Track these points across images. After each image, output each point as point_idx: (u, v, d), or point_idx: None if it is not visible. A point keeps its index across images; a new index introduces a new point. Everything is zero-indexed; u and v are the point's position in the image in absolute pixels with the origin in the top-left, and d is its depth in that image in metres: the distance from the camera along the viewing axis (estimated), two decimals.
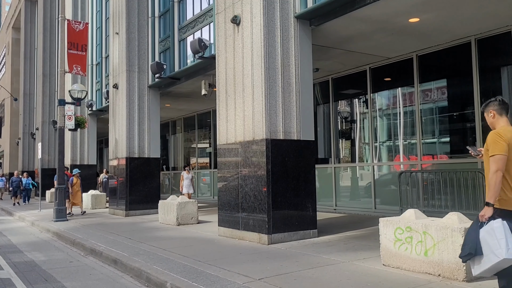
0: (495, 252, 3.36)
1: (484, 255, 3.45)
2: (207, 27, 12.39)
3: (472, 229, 3.66)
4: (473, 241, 3.53)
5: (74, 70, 14.88)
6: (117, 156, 14.88)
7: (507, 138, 3.59)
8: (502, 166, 3.52)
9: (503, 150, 3.53)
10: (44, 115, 27.11)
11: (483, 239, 3.48)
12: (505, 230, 3.39)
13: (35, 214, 15.88)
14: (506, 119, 3.82)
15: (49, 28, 28.07)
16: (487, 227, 3.49)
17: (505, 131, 3.67)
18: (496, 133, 3.67)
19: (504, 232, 3.37)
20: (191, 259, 6.66)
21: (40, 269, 7.06)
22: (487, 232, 3.47)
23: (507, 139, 3.58)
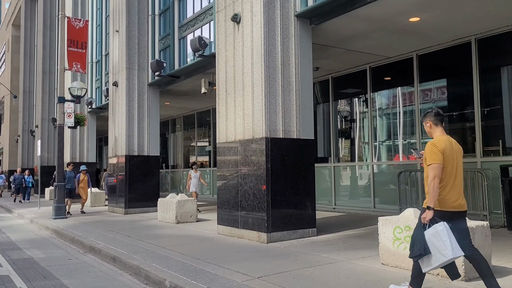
0: (442, 252, 3.83)
1: (432, 255, 3.91)
2: (207, 25, 12.38)
3: (417, 230, 4.05)
4: (421, 242, 3.94)
5: (74, 68, 14.87)
6: (116, 154, 14.87)
7: (442, 147, 4.07)
8: (439, 173, 3.99)
9: (439, 160, 4.01)
10: (44, 112, 27.08)
11: (429, 240, 3.90)
12: (448, 232, 3.84)
13: (34, 211, 15.88)
14: (441, 129, 4.32)
15: (49, 26, 28.03)
16: (432, 230, 3.91)
17: (440, 141, 4.14)
18: (432, 144, 4.10)
19: (447, 234, 3.83)
20: (190, 257, 6.66)
21: (39, 266, 7.06)
22: (432, 235, 3.88)
23: (441, 149, 4.06)
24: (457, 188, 4.10)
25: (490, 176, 8.77)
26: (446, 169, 4.06)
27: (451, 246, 3.81)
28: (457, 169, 4.13)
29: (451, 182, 4.08)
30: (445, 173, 4.05)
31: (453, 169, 4.10)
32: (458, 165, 4.15)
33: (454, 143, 4.26)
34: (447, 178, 4.06)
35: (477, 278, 4.92)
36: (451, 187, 4.07)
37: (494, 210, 8.77)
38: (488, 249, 5.14)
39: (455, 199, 4.07)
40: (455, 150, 4.19)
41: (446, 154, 4.06)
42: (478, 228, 5.06)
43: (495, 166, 8.71)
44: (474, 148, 9.47)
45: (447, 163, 4.06)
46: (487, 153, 9.29)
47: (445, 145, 4.10)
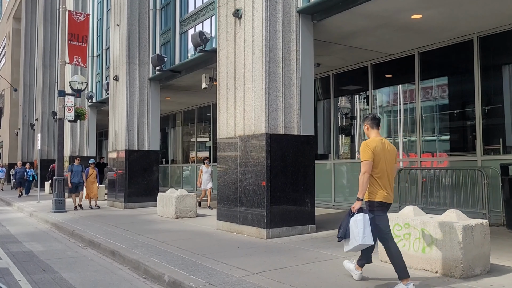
0: (356, 238, 4.53)
1: (350, 239, 4.61)
2: (209, 20, 12.34)
3: (346, 217, 4.72)
4: (344, 228, 4.67)
5: (74, 61, 14.85)
6: (116, 148, 14.87)
7: (373, 147, 4.63)
8: (369, 169, 4.57)
9: (369, 157, 4.58)
10: (44, 106, 27.05)
11: (350, 227, 4.60)
12: (364, 222, 4.48)
13: (33, 205, 15.90)
14: (377, 131, 4.86)
15: (50, 19, 27.96)
16: (354, 218, 4.57)
17: (373, 141, 4.71)
18: (365, 144, 4.68)
19: (363, 224, 4.48)
20: (189, 252, 6.67)
21: (38, 259, 7.07)
22: (353, 222, 4.56)
23: (373, 148, 4.62)
24: (388, 183, 4.67)
25: (490, 174, 8.77)
26: (378, 166, 4.63)
27: (363, 235, 4.47)
28: (389, 167, 4.70)
29: (383, 178, 4.64)
30: (377, 169, 4.63)
31: (384, 166, 4.66)
32: (390, 163, 4.71)
33: (387, 144, 4.83)
34: (379, 174, 4.63)
35: (475, 276, 4.95)
36: (382, 182, 4.64)
37: (493, 209, 8.77)
38: (487, 248, 5.15)
39: (386, 193, 4.65)
40: (387, 150, 4.75)
41: (377, 153, 4.63)
42: (477, 227, 5.06)
43: (495, 164, 8.71)
44: (474, 147, 9.46)
45: (378, 161, 4.62)
46: (487, 151, 9.28)
47: (376, 145, 4.66)
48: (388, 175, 4.67)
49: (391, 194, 4.71)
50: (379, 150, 4.65)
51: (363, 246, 4.60)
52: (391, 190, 4.70)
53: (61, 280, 5.73)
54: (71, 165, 14.09)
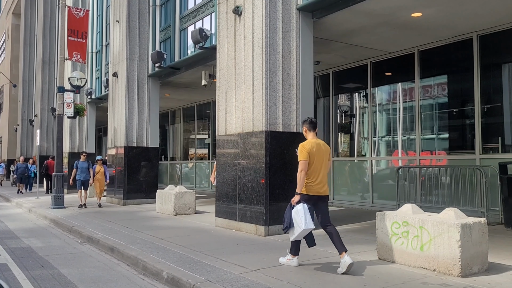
0: (299, 225, 5.24)
1: (294, 227, 5.31)
2: (209, 17, 12.32)
3: (287, 209, 5.44)
4: (289, 218, 5.36)
5: (74, 58, 14.82)
6: (115, 145, 14.86)
7: (309, 148, 5.37)
8: (305, 167, 5.31)
9: (305, 157, 5.32)
10: (43, 102, 26.99)
11: (293, 217, 5.30)
12: (304, 211, 5.25)
13: (32, 200, 15.91)
14: (313, 134, 5.60)
15: (49, 15, 27.87)
16: (295, 209, 5.31)
17: (308, 143, 5.45)
18: (301, 145, 5.44)
19: (304, 212, 5.23)
20: (188, 249, 6.68)
21: (36, 255, 7.08)
22: (295, 212, 5.29)
23: (308, 149, 5.36)
24: (321, 178, 5.44)
25: (488, 173, 8.78)
26: (313, 164, 5.36)
27: (305, 221, 5.21)
28: (323, 164, 5.47)
29: (317, 174, 5.39)
30: (312, 167, 5.36)
31: (318, 164, 5.41)
32: (324, 161, 5.49)
33: (323, 144, 5.57)
34: (314, 171, 5.37)
35: (473, 274, 4.96)
36: (316, 178, 5.39)
37: (491, 207, 8.79)
38: (485, 246, 5.16)
39: (320, 187, 5.42)
40: (322, 150, 5.48)
41: (312, 153, 5.36)
42: (476, 225, 5.07)
43: (494, 163, 8.72)
44: (473, 145, 9.47)
45: (313, 160, 5.35)
46: (486, 150, 9.29)
47: (311, 146, 5.40)
48: (322, 174, 5.44)
49: (325, 188, 5.51)
50: (314, 150, 5.41)
51: (307, 231, 5.32)
52: (325, 184, 5.50)
53: (59, 276, 5.74)
54: (77, 161, 13.39)
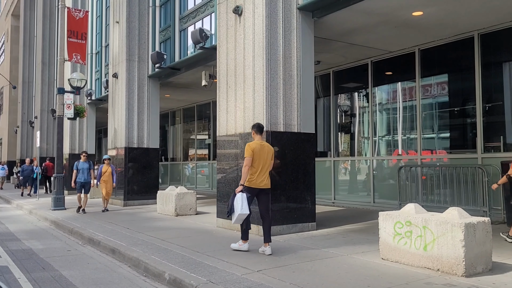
0: (237, 210, 6.18)
1: (234, 212, 6.24)
2: (209, 17, 12.30)
3: (231, 198, 6.33)
4: (231, 205, 6.28)
5: (73, 59, 14.79)
6: (116, 146, 14.83)
7: (253, 147, 6.39)
8: (248, 163, 6.33)
9: (249, 155, 6.34)
10: (43, 103, 26.98)
11: (234, 204, 6.23)
12: (242, 199, 6.20)
13: (33, 202, 15.87)
14: (260, 136, 6.63)
15: (49, 16, 27.86)
16: (236, 197, 6.26)
17: (254, 143, 6.49)
18: (248, 145, 6.47)
19: (241, 200, 6.19)
20: (190, 250, 6.65)
21: (37, 257, 7.05)
22: (235, 200, 6.24)
23: (252, 148, 6.38)
24: (263, 174, 6.40)
25: (490, 172, 8.76)
26: (256, 161, 6.36)
27: (242, 207, 6.16)
28: (265, 162, 6.45)
29: (259, 170, 6.37)
30: (255, 164, 6.36)
31: (260, 162, 6.39)
32: (267, 160, 6.47)
33: (267, 146, 6.61)
34: (256, 168, 6.36)
35: (477, 274, 4.93)
36: (258, 174, 6.36)
37: (494, 206, 8.76)
38: (488, 245, 5.13)
39: (261, 181, 6.38)
40: (265, 151, 6.49)
41: (255, 152, 6.37)
42: (480, 224, 5.04)
43: (496, 162, 8.69)
44: (475, 144, 9.45)
45: (256, 158, 6.36)
46: (487, 149, 9.26)
47: (255, 146, 6.42)
48: (264, 170, 6.44)
49: (265, 182, 6.45)
50: (257, 150, 6.41)
51: (242, 215, 6.24)
52: (266, 179, 6.46)
53: (61, 278, 5.71)
54: (77, 162, 12.48)
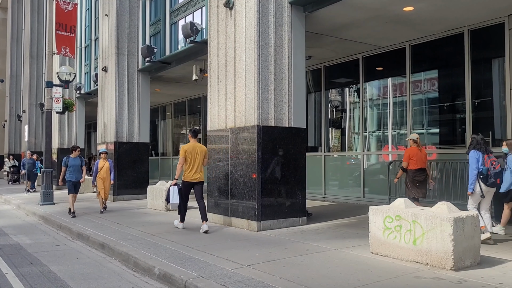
0: (171, 199, 8.01)
1: (170, 202, 8.04)
2: (199, 11, 12.20)
3: (168, 189, 8.16)
4: (167, 195, 8.10)
5: (62, 52, 14.62)
6: (105, 140, 14.71)
7: (186, 148, 7.90)
8: (182, 161, 7.86)
9: (182, 155, 7.87)
10: (31, 97, 26.64)
11: (170, 194, 8.02)
12: (174, 191, 7.97)
13: (21, 197, 15.70)
14: (194, 139, 8.08)
15: (37, 9, 27.46)
16: (171, 188, 8.03)
17: (188, 145, 7.99)
18: (182, 147, 8.01)
19: (173, 191, 7.97)
20: (180, 245, 6.62)
21: (25, 252, 6.97)
22: (170, 191, 8.02)
23: (186, 149, 7.89)
24: (195, 170, 7.87)
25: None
26: (188, 159, 7.84)
27: (173, 197, 7.97)
28: (196, 160, 7.87)
29: (191, 167, 7.85)
30: (189, 162, 7.84)
31: (193, 161, 7.85)
32: (198, 158, 7.87)
33: (199, 147, 7.97)
34: (189, 165, 7.85)
35: (465, 268, 4.98)
36: (191, 169, 7.85)
37: None
38: (477, 239, 5.18)
39: (194, 175, 7.87)
40: (196, 152, 7.89)
41: (188, 153, 7.84)
42: (468, 219, 5.09)
43: None
44: (464, 139, 9.52)
45: (189, 158, 7.83)
46: None
47: (188, 147, 7.89)
48: (196, 167, 7.87)
49: (198, 176, 7.90)
50: (190, 151, 7.86)
51: (174, 204, 8.03)
52: (198, 174, 7.89)
53: (49, 273, 5.65)
54: (67, 158, 10.50)
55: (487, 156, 6.58)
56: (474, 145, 6.72)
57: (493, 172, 6.47)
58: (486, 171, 6.45)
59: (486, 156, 6.57)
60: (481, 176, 6.46)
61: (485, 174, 6.44)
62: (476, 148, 6.65)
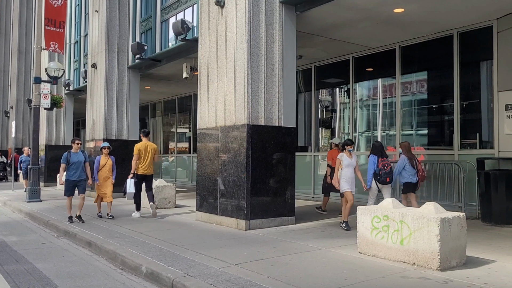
0: (127, 190, 9.07)
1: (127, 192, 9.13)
2: (190, 8, 12.14)
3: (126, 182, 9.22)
4: (125, 187, 9.16)
5: (51, 47, 14.45)
6: (94, 137, 14.58)
7: (139, 147, 9.29)
8: (136, 158, 9.23)
9: (136, 153, 9.23)
10: (19, 93, 26.31)
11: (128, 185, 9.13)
12: (131, 182, 9.10)
13: (7, 194, 15.50)
14: (145, 138, 9.46)
15: (26, 3, 27.13)
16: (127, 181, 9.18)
17: (140, 144, 9.35)
18: (136, 145, 9.40)
19: (130, 183, 9.10)
20: (168, 243, 6.59)
21: (11, 250, 6.88)
22: (127, 183, 9.14)
23: (139, 148, 9.28)
24: (147, 165, 9.31)
25: (466, 168, 8.93)
26: (142, 157, 9.23)
27: (129, 188, 9.12)
28: (148, 156, 9.30)
29: (144, 162, 9.25)
30: (142, 159, 9.23)
31: (145, 157, 9.26)
32: (149, 155, 9.31)
33: (150, 145, 9.40)
34: (143, 161, 9.25)
35: (451, 268, 5.03)
36: (144, 165, 9.26)
37: (469, 202, 8.94)
38: (463, 240, 5.23)
39: (145, 169, 9.29)
40: (148, 149, 9.30)
41: (141, 150, 9.23)
42: (455, 219, 5.13)
43: (472, 158, 8.86)
44: (452, 141, 9.61)
45: (141, 155, 9.22)
46: (464, 146, 9.44)
47: (141, 146, 9.29)
48: (147, 162, 9.29)
49: (149, 170, 9.37)
50: (143, 149, 9.26)
51: (130, 194, 9.13)
52: (148, 168, 9.34)
53: (34, 271, 5.58)
54: (67, 153, 8.98)
55: (381, 160, 8.02)
56: (373, 150, 8.22)
57: (383, 172, 7.92)
58: (378, 171, 7.94)
59: (380, 159, 8.01)
60: (375, 175, 7.96)
61: (378, 174, 7.94)
62: (373, 153, 8.14)
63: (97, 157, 9.58)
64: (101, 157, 9.50)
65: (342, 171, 7.76)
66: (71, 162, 8.88)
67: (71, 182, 8.92)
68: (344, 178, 7.73)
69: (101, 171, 9.34)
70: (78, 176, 8.92)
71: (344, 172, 7.75)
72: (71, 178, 8.89)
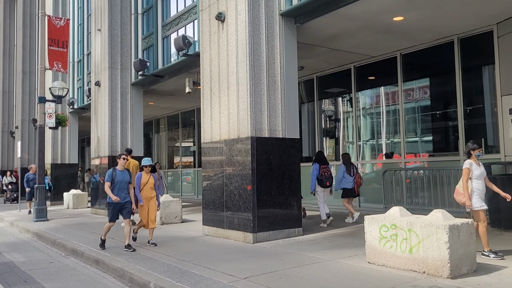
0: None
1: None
2: (191, 24, 12.27)
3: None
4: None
5: (55, 67, 14.60)
6: (99, 154, 14.64)
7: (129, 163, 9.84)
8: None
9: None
10: (24, 113, 26.52)
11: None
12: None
13: (14, 214, 15.53)
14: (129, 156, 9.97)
15: (29, 24, 27.48)
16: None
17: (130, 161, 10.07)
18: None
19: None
20: (175, 259, 6.57)
21: (19, 270, 6.88)
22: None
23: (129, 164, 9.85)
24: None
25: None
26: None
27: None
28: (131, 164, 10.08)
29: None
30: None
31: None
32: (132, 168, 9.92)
33: (132, 161, 10.29)
34: None
35: (462, 275, 4.97)
36: None
37: None
38: (473, 247, 5.18)
39: None
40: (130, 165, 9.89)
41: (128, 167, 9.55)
42: (463, 226, 5.09)
43: None
44: (457, 147, 9.57)
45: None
46: None
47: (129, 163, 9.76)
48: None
49: None
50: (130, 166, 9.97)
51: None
52: None
53: None
54: (113, 170, 7.85)
55: (322, 167, 9.39)
56: (315, 159, 9.62)
57: (324, 178, 9.36)
58: (320, 176, 9.37)
59: (321, 166, 9.38)
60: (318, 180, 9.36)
61: (320, 179, 9.36)
62: (316, 161, 9.53)
63: (138, 174, 8.19)
64: (142, 174, 8.09)
65: (472, 184, 6.28)
66: (116, 181, 7.67)
67: (116, 206, 7.64)
68: (477, 192, 6.22)
69: (142, 190, 7.97)
70: (123, 197, 7.68)
71: (475, 184, 6.26)
72: (113, 200, 7.58)
